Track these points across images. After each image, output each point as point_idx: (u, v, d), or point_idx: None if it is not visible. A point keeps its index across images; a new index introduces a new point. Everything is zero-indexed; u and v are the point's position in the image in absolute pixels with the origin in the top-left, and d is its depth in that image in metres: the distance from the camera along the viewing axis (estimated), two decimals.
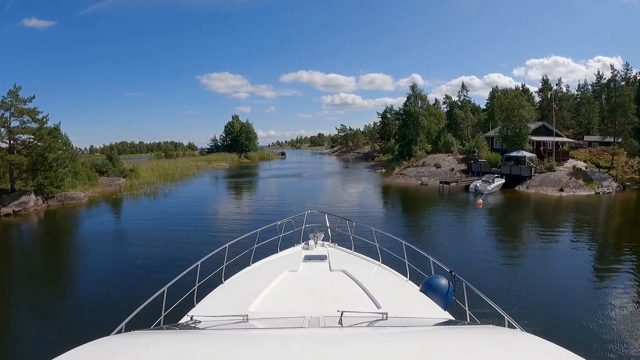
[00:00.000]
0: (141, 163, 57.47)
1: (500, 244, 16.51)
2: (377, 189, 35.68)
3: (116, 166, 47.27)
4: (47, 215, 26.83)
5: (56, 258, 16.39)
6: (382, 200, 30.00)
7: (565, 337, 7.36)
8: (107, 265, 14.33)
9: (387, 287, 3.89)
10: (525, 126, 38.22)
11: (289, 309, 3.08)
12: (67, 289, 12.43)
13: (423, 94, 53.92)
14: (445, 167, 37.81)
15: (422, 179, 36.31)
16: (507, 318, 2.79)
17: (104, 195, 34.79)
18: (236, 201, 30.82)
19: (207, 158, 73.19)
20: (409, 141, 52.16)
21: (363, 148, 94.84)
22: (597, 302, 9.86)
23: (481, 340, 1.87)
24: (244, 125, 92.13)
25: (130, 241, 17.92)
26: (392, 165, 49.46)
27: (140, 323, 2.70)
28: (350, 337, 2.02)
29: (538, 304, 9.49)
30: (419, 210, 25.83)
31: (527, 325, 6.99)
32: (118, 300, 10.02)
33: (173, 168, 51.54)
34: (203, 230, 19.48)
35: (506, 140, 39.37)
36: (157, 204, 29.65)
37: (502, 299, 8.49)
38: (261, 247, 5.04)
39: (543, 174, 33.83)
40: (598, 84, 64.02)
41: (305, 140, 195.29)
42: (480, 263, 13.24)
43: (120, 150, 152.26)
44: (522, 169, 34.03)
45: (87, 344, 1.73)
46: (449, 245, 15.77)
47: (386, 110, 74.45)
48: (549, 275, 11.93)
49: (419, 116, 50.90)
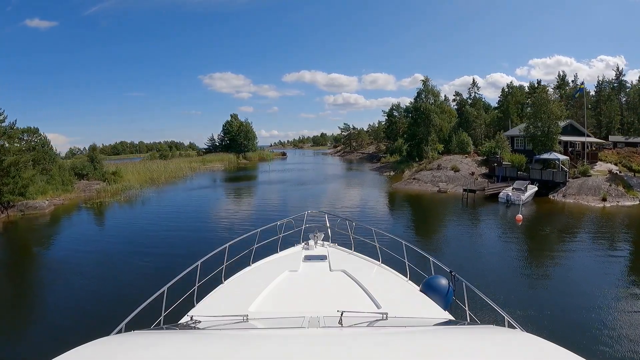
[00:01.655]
0: (129, 164, 53.39)
1: (568, 284, 11.89)
2: (387, 197, 30.83)
3: (98, 169, 43.10)
4: (6, 227, 22.73)
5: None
6: (395, 212, 25.18)
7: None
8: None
9: (387, 287, 3.87)
10: (556, 124, 33.56)
11: (289, 309, 3.06)
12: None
13: (435, 89, 49.14)
14: (464, 170, 33.10)
15: (439, 185, 31.41)
16: (507, 318, 2.78)
17: (74, 203, 30.50)
18: (218, 214, 26.29)
19: (203, 159, 68.81)
20: (419, 141, 47.49)
21: (367, 148, 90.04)
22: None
23: (481, 340, 1.87)
24: (243, 124, 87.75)
25: (63, 273, 13.49)
26: (401, 168, 44.78)
27: (140, 323, 2.71)
28: (350, 337, 2.03)
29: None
30: (442, 226, 21.04)
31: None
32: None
33: (162, 170, 47.25)
34: (160, 264, 14.04)
35: (533, 140, 34.71)
36: (124, 217, 25.18)
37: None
38: (261, 247, 5.00)
39: (577, 179, 29.15)
40: (617, 80, 59.65)
41: (307, 140, 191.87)
42: (556, 312, 8.89)
43: (119, 150, 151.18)
44: (556, 174, 29.35)
45: (87, 344, 1.73)
46: (499, 282, 11.26)
47: (393, 107, 69.67)
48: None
49: (431, 113, 46.16)
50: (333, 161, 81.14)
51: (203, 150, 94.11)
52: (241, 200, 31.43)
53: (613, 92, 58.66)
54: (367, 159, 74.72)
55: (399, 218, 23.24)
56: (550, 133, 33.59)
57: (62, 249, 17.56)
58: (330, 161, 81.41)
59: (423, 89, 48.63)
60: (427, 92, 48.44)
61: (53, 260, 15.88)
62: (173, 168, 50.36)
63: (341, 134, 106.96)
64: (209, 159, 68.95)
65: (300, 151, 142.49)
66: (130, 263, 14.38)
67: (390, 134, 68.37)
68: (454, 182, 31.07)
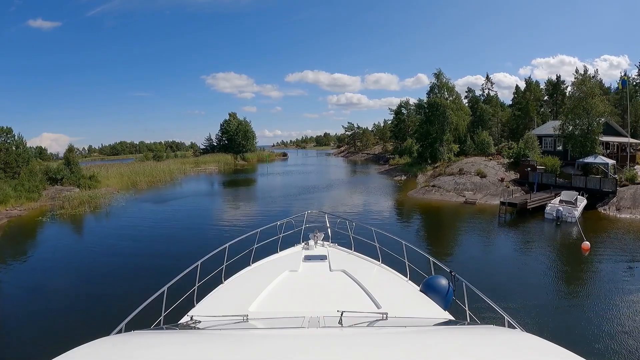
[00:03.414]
0: (115, 166, 49.01)
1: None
2: (403, 209, 25.51)
3: (74, 172, 38.66)
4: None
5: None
6: (418, 232, 20.16)
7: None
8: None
9: (387, 287, 3.86)
10: (599, 123, 28.65)
11: (289, 309, 3.02)
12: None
13: (450, 83, 44.17)
14: (491, 176, 28.12)
15: (465, 194, 26.35)
16: (507, 318, 2.76)
17: (34, 215, 25.95)
18: (179, 241, 21.31)
19: (196, 160, 64.16)
20: (433, 140, 42.62)
21: (373, 149, 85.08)
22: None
23: (481, 340, 1.86)
24: (242, 123, 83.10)
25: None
26: (413, 171, 39.84)
27: (140, 323, 2.69)
28: (350, 337, 2.03)
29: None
30: (483, 256, 15.85)
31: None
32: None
33: (149, 173, 42.70)
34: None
35: (570, 140, 29.80)
36: (66, 242, 19.44)
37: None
38: (261, 247, 4.96)
39: (627, 188, 24.28)
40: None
41: (310, 140, 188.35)
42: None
43: (119, 150, 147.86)
44: (603, 181, 24.43)
45: (87, 344, 1.72)
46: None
47: (401, 104, 64.65)
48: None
49: (447, 110, 41.21)
50: (337, 162, 76.14)
51: (200, 150, 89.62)
52: (221, 217, 25.10)
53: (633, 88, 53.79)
54: (373, 160, 69.89)
55: (425, 239, 18.30)
56: (591, 132, 28.68)
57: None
58: (334, 162, 76.41)
59: (436, 83, 43.70)
60: (441, 87, 43.49)
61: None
62: (161, 171, 45.74)
63: (345, 133, 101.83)
64: (203, 160, 64.32)
65: (303, 151, 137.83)
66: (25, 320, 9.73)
67: (399, 133, 63.39)
68: (481, 191, 26.06)
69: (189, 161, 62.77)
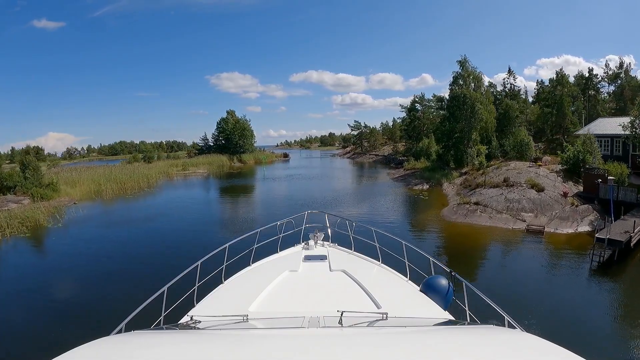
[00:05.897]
0: (90, 170, 42.88)
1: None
2: (444, 243, 17.58)
3: (30, 179, 32.28)
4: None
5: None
6: (477, 283, 13.08)
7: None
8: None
9: (387, 287, 3.85)
10: None
11: (289, 309, 3.01)
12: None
13: (477, 72, 37.08)
14: (549, 189, 21.03)
15: (524, 216, 18.98)
16: (507, 318, 2.72)
17: None
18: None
19: (184, 162, 57.65)
20: (458, 140, 35.63)
21: (382, 149, 78.05)
22: None
23: (481, 340, 1.85)
24: (239, 121, 76.56)
25: None
26: (436, 178, 32.77)
27: (140, 323, 2.66)
28: (350, 337, 2.02)
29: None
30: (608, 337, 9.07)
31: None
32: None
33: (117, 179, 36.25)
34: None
35: None
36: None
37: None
38: (261, 247, 4.93)
39: None
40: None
41: (315, 140, 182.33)
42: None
43: (118, 150, 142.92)
44: None
45: (87, 344, 1.70)
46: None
47: (415, 100, 57.59)
48: None
49: (476, 103, 34.14)
50: (343, 165, 69.07)
51: (195, 151, 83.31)
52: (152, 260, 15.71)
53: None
54: (382, 162, 62.93)
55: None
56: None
57: None
58: (340, 165, 69.34)
59: (461, 73, 36.61)
60: (467, 76, 36.42)
61: None
62: (139, 175, 39.34)
63: (351, 133, 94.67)
64: (193, 162, 57.86)
65: (307, 152, 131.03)
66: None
67: (412, 132, 56.32)
68: (544, 212, 18.81)
69: (177, 163, 56.27)
